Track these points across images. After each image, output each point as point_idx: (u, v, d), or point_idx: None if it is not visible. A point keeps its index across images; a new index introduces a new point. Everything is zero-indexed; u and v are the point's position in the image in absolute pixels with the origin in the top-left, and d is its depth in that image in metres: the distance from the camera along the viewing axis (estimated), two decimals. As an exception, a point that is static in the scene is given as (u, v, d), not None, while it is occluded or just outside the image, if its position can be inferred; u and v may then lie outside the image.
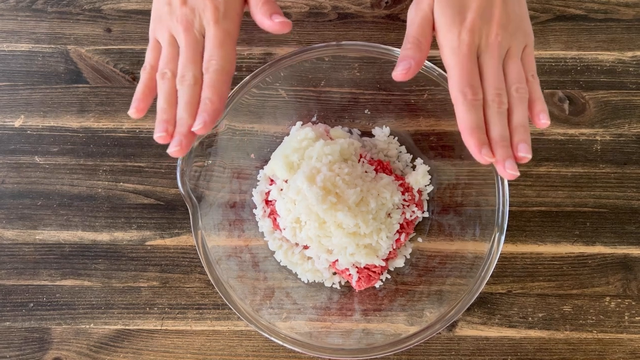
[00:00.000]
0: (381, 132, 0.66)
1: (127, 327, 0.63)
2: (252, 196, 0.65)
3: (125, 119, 0.68)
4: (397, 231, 0.60)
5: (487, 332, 0.62)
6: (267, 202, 0.64)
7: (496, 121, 0.43)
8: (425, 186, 0.64)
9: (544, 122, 0.45)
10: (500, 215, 0.53)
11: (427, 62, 0.56)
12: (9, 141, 0.68)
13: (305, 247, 0.61)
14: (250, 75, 0.58)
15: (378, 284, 0.62)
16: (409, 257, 0.63)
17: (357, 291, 0.62)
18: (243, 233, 0.63)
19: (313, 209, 0.56)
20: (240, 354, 0.62)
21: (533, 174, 0.66)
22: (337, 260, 0.59)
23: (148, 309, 0.63)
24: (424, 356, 0.62)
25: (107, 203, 0.66)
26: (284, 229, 0.61)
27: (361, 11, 0.71)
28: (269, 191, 0.63)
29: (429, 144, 0.65)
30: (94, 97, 0.69)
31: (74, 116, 0.68)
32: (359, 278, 0.60)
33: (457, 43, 0.44)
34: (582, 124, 0.67)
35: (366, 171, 0.61)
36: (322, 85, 0.65)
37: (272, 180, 0.64)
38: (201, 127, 0.41)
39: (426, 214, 0.64)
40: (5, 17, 0.71)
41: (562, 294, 0.63)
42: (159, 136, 0.42)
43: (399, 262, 0.63)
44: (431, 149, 0.65)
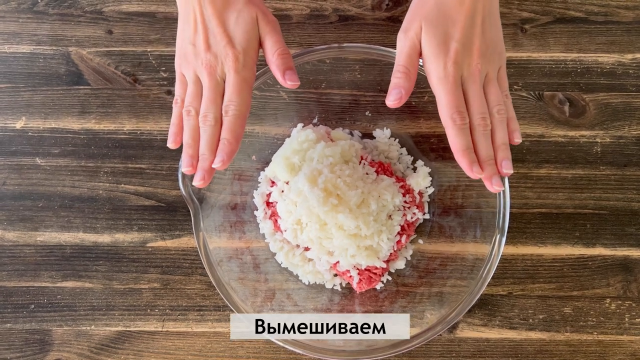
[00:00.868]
0: (382, 134, 0.66)
1: (128, 329, 0.63)
2: (253, 198, 0.65)
3: (126, 120, 0.68)
4: (398, 233, 0.60)
5: (487, 334, 0.62)
6: (268, 203, 0.64)
7: (482, 142, 0.49)
8: (426, 188, 0.64)
9: (517, 141, 0.51)
10: (501, 217, 0.53)
11: None
12: (10, 143, 0.68)
13: (306, 248, 0.61)
14: None
15: (379, 286, 0.62)
16: (409, 258, 0.63)
17: (357, 293, 0.62)
18: (244, 235, 0.63)
19: (314, 210, 0.57)
20: (242, 355, 0.62)
21: (533, 175, 0.66)
22: (338, 262, 0.59)
23: (149, 310, 0.63)
24: (424, 358, 0.62)
25: (108, 205, 0.66)
26: (285, 230, 0.61)
27: (362, 13, 0.71)
28: (270, 193, 0.63)
29: (429, 145, 0.65)
30: (95, 98, 0.69)
31: (75, 118, 0.68)
32: (360, 280, 0.60)
33: (444, 73, 0.48)
34: (582, 126, 0.67)
35: (367, 173, 0.61)
36: (323, 87, 0.65)
37: (273, 182, 0.64)
38: (220, 165, 0.48)
39: (427, 216, 0.64)
40: (6, 18, 0.71)
41: (563, 296, 0.63)
42: (186, 170, 0.50)
43: (400, 264, 0.63)
44: (432, 150, 0.65)
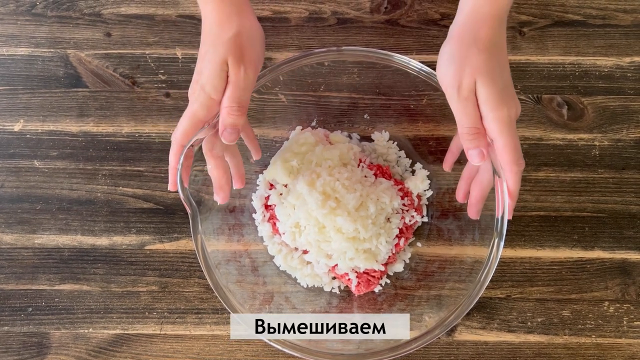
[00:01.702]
0: (380, 137, 0.66)
1: (126, 332, 0.63)
2: (252, 201, 0.65)
3: (124, 123, 0.68)
4: (397, 236, 0.60)
5: (486, 337, 0.62)
6: (266, 206, 0.64)
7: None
8: (425, 191, 0.64)
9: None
10: (499, 220, 0.53)
11: (427, 68, 0.57)
12: (9, 145, 0.68)
13: (305, 251, 0.61)
14: None
15: (377, 289, 0.62)
16: (408, 261, 0.63)
17: (356, 296, 0.62)
18: (242, 237, 0.63)
19: (313, 213, 0.56)
20: (240, 358, 0.62)
21: (532, 178, 0.66)
22: (337, 264, 0.59)
23: (147, 313, 0.63)
24: (423, 361, 0.62)
25: (106, 207, 0.66)
26: (284, 233, 0.61)
27: (360, 16, 0.71)
28: (268, 196, 0.63)
29: (428, 148, 0.65)
30: (93, 101, 0.69)
31: (74, 120, 0.68)
32: (359, 283, 0.60)
33: (508, 120, 0.48)
34: (580, 129, 0.67)
35: (365, 176, 0.61)
36: (321, 90, 0.65)
37: (271, 185, 0.64)
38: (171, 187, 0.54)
39: (425, 219, 0.64)
40: (5, 21, 0.71)
41: (561, 299, 0.63)
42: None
43: (398, 267, 0.63)
44: (430, 153, 0.65)
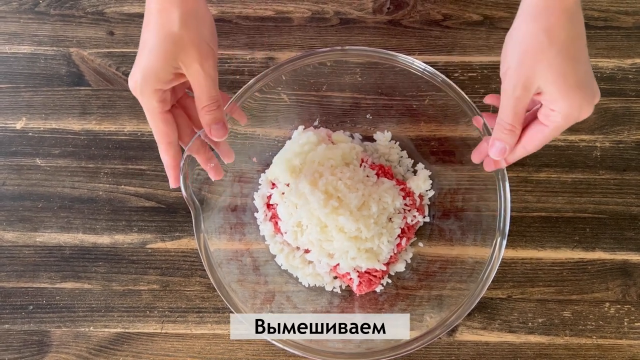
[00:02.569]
0: (382, 137, 0.66)
1: (127, 330, 0.63)
2: (254, 200, 0.65)
3: (126, 121, 0.68)
4: (398, 236, 0.60)
5: (487, 337, 0.62)
6: (268, 205, 0.64)
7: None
8: (427, 191, 0.64)
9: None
10: (501, 220, 0.53)
11: (429, 68, 0.57)
12: (11, 143, 0.68)
13: (307, 251, 0.61)
14: (253, 79, 0.57)
15: (379, 289, 0.62)
16: (409, 261, 0.63)
17: (357, 295, 0.62)
18: (244, 237, 0.63)
19: (315, 213, 0.57)
20: (241, 357, 0.62)
21: (533, 179, 0.66)
22: (338, 264, 0.59)
23: (148, 312, 0.63)
24: (424, 361, 0.62)
25: (108, 206, 0.66)
26: (285, 232, 0.61)
27: (363, 17, 0.71)
28: (270, 195, 0.63)
29: (430, 149, 0.65)
30: (95, 99, 0.69)
31: (76, 119, 0.68)
32: (360, 282, 0.60)
33: (561, 122, 0.46)
34: (582, 130, 0.67)
35: (368, 175, 0.61)
36: (324, 90, 0.65)
37: (273, 184, 0.64)
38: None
39: (427, 219, 0.64)
40: (7, 19, 0.71)
41: (562, 300, 0.63)
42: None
43: (400, 267, 0.63)
44: (432, 154, 0.65)
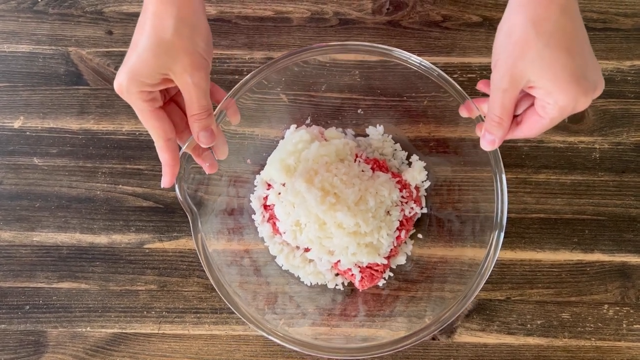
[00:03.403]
0: (375, 131, 0.66)
1: (124, 331, 0.62)
2: (250, 202, 0.64)
3: (125, 121, 0.68)
4: (397, 228, 0.60)
5: (485, 339, 0.62)
6: (265, 206, 0.63)
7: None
8: (422, 182, 0.64)
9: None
10: (499, 211, 0.52)
11: (425, 62, 0.55)
12: (8, 142, 0.67)
13: (307, 249, 0.61)
14: (249, 75, 0.56)
15: (381, 283, 0.62)
16: (410, 254, 0.63)
17: (360, 291, 0.62)
18: (242, 239, 0.63)
19: (313, 210, 0.56)
20: (238, 358, 0.62)
21: (532, 181, 0.66)
22: (339, 261, 0.59)
23: (145, 312, 0.63)
24: (422, 362, 0.62)
25: (105, 205, 0.66)
26: (284, 232, 0.60)
27: (362, 17, 0.71)
28: (266, 196, 0.63)
29: (423, 140, 0.65)
30: (94, 99, 0.68)
31: (74, 118, 0.68)
32: (362, 277, 0.60)
33: (556, 114, 0.45)
34: (581, 132, 0.67)
35: (363, 170, 0.61)
36: (316, 89, 0.65)
37: (269, 185, 0.64)
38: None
39: (425, 210, 0.64)
40: (6, 18, 0.71)
41: (561, 301, 0.63)
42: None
43: (401, 260, 0.63)
44: (426, 145, 0.65)
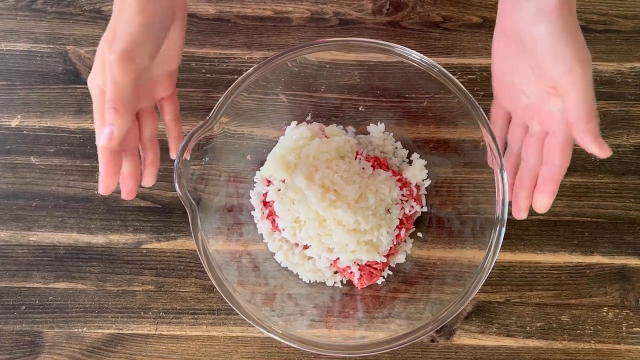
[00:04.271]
0: (376, 129, 0.66)
1: (120, 332, 0.62)
2: (250, 198, 0.64)
3: (123, 120, 0.67)
4: (397, 226, 0.60)
5: (484, 341, 0.62)
6: (265, 203, 0.63)
7: None
8: (423, 180, 0.63)
9: None
10: (500, 208, 0.52)
11: (426, 58, 0.55)
12: (5, 141, 0.67)
13: (306, 246, 0.61)
14: (246, 73, 0.55)
15: (380, 281, 0.62)
16: (409, 252, 0.63)
17: (359, 289, 0.62)
18: (241, 237, 0.63)
19: (312, 207, 0.56)
20: (236, 359, 0.62)
21: (532, 182, 0.66)
22: (338, 258, 0.59)
23: (142, 313, 0.62)
24: (421, 365, 0.61)
25: (103, 205, 0.65)
26: (284, 229, 0.60)
27: (362, 17, 0.71)
28: (266, 192, 0.63)
29: (424, 139, 0.65)
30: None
31: (72, 117, 0.68)
32: (361, 275, 0.59)
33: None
34: (581, 133, 0.67)
35: (363, 168, 0.61)
36: (316, 90, 0.65)
37: (269, 182, 0.63)
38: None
39: (425, 209, 0.63)
40: (4, 16, 0.71)
41: (560, 304, 0.63)
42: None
43: (400, 258, 0.62)
44: (427, 143, 0.65)
